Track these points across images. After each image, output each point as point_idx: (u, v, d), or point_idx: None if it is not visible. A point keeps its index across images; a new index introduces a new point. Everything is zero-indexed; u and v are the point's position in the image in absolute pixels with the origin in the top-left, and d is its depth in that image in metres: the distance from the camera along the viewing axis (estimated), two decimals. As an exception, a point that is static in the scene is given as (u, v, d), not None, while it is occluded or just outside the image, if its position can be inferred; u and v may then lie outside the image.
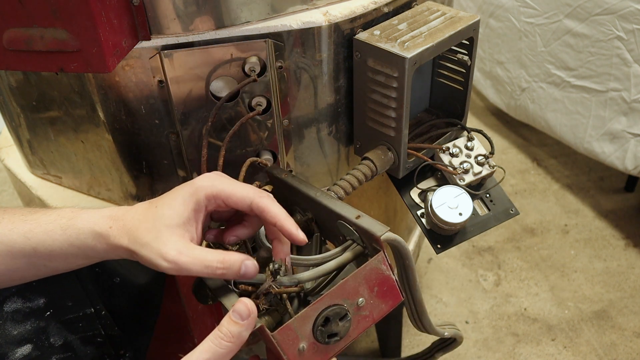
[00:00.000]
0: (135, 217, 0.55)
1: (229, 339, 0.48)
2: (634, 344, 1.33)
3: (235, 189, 0.56)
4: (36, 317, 0.61)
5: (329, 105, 0.75)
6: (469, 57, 0.78)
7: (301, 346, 0.52)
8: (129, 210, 0.56)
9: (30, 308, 0.61)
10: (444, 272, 1.53)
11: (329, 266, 0.58)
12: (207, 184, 0.55)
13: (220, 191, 0.55)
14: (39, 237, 0.55)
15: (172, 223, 0.53)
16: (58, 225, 0.56)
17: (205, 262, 0.52)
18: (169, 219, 0.53)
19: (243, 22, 0.66)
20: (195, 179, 0.57)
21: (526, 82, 1.70)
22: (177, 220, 0.53)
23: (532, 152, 1.93)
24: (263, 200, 0.55)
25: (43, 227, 0.56)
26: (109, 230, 0.54)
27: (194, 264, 0.52)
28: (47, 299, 0.62)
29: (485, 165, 0.81)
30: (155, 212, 0.54)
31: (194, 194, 0.55)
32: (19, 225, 0.56)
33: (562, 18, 1.48)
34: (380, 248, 0.56)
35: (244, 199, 0.55)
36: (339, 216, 0.61)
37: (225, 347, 0.48)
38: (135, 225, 0.54)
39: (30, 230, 0.56)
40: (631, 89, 1.38)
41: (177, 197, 0.55)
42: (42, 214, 0.57)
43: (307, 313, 0.52)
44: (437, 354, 0.84)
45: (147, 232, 0.53)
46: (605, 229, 1.63)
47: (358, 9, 0.70)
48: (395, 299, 0.58)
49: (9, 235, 0.56)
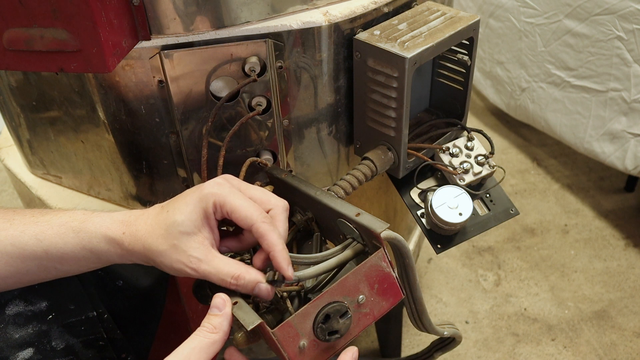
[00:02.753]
0: (147, 222, 0.55)
1: (212, 330, 0.52)
2: (634, 344, 1.33)
3: (241, 205, 0.54)
4: (38, 321, 0.61)
5: (329, 105, 0.75)
6: (469, 57, 0.78)
7: (302, 343, 0.52)
8: (141, 216, 0.56)
9: (32, 311, 0.61)
10: (444, 272, 1.53)
11: (329, 264, 0.58)
12: (216, 192, 0.55)
13: (226, 203, 0.55)
14: (51, 239, 0.55)
15: (188, 230, 0.53)
16: (70, 227, 0.55)
17: (221, 275, 0.53)
18: (182, 226, 0.53)
19: (243, 22, 0.66)
20: (206, 183, 0.56)
21: (526, 82, 1.70)
22: (191, 227, 0.54)
23: (532, 152, 1.93)
24: (264, 226, 0.54)
25: (55, 230, 0.55)
26: (122, 236, 0.54)
27: (211, 274, 0.53)
28: (50, 302, 0.62)
29: (485, 165, 0.81)
30: (167, 218, 0.54)
31: (203, 200, 0.54)
32: (31, 227, 0.56)
33: (562, 18, 1.48)
34: (380, 245, 0.56)
35: (246, 219, 0.54)
36: (339, 214, 0.61)
37: (209, 337, 0.51)
38: (149, 231, 0.54)
39: (42, 232, 0.55)
40: (631, 89, 1.38)
41: (189, 203, 0.54)
42: (54, 216, 0.57)
43: (307, 310, 0.52)
44: (436, 354, 0.83)
45: (162, 238, 0.53)
46: (605, 229, 1.63)
47: (358, 9, 0.70)
48: (395, 296, 0.58)
49: (20, 237, 0.55)
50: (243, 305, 0.56)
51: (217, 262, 0.54)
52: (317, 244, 0.69)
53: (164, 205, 0.56)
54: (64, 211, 0.58)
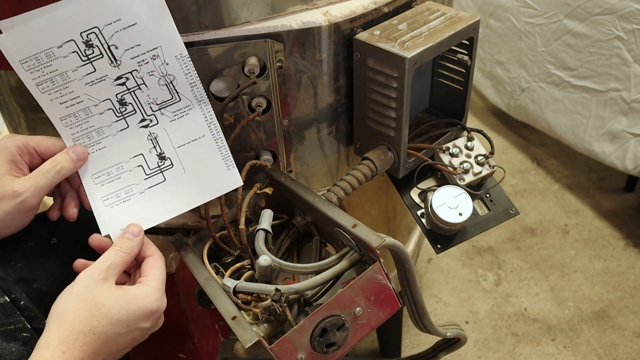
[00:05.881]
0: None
1: (125, 250, 0.60)
2: (634, 344, 1.33)
3: (44, 137, 0.63)
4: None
5: (329, 105, 0.75)
6: (469, 57, 0.78)
7: (299, 357, 0.53)
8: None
9: None
10: (444, 272, 1.53)
11: (326, 275, 0.58)
12: (11, 138, 0.61)
13: (29, 140, 0.62)
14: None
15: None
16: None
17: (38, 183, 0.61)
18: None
19: (243, 22, 0.66)
20: None
21: (526, 82, 1.70)
22: None
23: (532, 152, 1.93)
24: None
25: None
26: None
27: (32, 184, 0.60)
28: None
29: (485, 165, 0.81)
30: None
31: (3, 150, 0.60)
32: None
33: (562, 18, 1.48)
34: (376, 258, 0.56)
35: (54, 144, 0.63)
36: (336, 224, 0.61)
37: (121, 257, 0.59)
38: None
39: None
40: (631, 89, 1.38)
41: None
42: None
43: (304, 325, 0.53)
44: (441, 354, 0.84)
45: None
46: (605, 229, 1.63)
47: (358, 9, 0.70)
48: (392, 306, 0.58)
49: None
50: (241, 320, 0.56)
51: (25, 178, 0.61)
52: (317, 248, 0.69)
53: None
54: None
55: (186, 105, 0.64)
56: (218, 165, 0.66)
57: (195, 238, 0.71)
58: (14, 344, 0.58)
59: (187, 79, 0.63)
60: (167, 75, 0.62)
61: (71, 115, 0.63)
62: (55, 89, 0.61)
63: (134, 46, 0.60)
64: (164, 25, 0.60)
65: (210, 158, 0.66)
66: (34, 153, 0.63)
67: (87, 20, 0.58)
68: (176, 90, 0.63)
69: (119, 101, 0.63)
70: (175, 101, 0.64)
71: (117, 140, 0.64)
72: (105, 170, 0.65)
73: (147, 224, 0.66)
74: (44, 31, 0.58)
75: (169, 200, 0.66)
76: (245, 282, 0.60)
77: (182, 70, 0.62)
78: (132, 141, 0.65)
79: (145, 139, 0.65)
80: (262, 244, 0.62)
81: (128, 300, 0.56)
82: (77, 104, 0.62)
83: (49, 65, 0.60)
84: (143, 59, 0.61)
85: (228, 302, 0.59)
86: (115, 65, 0.61)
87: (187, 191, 0.67)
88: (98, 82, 0.61)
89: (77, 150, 0.63)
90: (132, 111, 0.64)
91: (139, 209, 0.66)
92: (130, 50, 0.60)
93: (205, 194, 0.67)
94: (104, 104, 0.63)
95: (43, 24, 0.58)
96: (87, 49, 0.59)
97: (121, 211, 0.65)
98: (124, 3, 0.58)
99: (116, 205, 0.65)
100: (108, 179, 0.65)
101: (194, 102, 0.64)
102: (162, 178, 0.66)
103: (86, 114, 0.63)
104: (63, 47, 0.59)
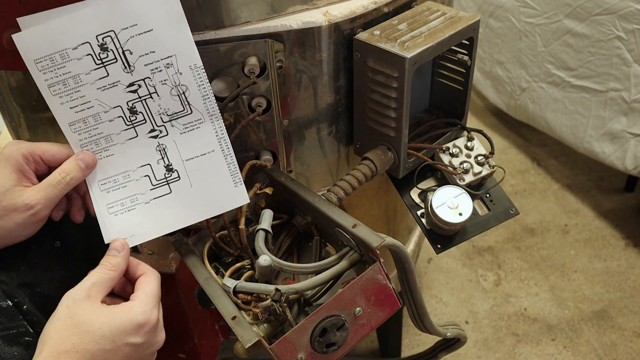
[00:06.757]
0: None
1: (111, 268, 0.59)
2: (634, 344, 1.33)
3: (48, 145, 0.62)
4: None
5: (329, 105, 0.75)
6: (469, 57, 0.78)
7: (299, 357, 0.53)
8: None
9: None
10: (444, 272, 1.53)
11: (326, 275, 0.58)
12: (16, 146, 0.60)
13: (35, 147, 0.61)
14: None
15: (5, 188, 0.58)
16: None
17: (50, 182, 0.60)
18: None
19: (243, 22, 0.66)
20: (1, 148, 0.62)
21: (526, 82, 1.70)
22: (7, 185, 0.58)
23: (532, 152, 1.93)
24: None
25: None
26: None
27: (42, 194, 0.60)
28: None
29: (485, 165, 0.81)
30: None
31: (9, 159, 0.59)
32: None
33: (562, 18, 1.48)
34: (376, 258, 0.56)
35: (60, 151, 0.62)
36: (336, 224, 0.61)
37: (108, 274, 0.58)
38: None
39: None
40: (631, 89, 1.38)
41: None
42: None
43: (304, 325, 0.53)
44: (441, 354, 0.84)
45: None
46: (605, 229, 1.63)
47: (358, 9, 0.70)
48: (392, 306, 0.58)
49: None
50: (241, 320, 0.56)
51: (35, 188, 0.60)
52: (317, 248, 0.69)
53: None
54: None
55: (197, 119, 0.63)
56: (225, 181, 0.65)
57: (195, 238, 0.71)
58: (16, 348, 0.58)
59: (199, 90, 0.62)
60: (179, 85, 0.61)
61: (80, 120, 0.62)
62: (66, 92, 0.60)
63: (149, 52, 0.60)
64: (180, 34, 0.59)
65: (218, 174, 0.65)
66: (39, 161, 0.61)
67: (104, 23, 0.58)
68: (188, 101, 0.62)
69: (130, 109, 0.62)
70: (186, 113, 0.63)
71: (125, 149, 0.64)
72: (112, 177, 0.64)
73: (150, 235, 0.65)
74: (61, 31, 0.57)
75: (173, 213, 0.65)
76: (245, 282, 0.60)
77: (196, 81, 0.61)
78: (140, 150, 0.64)
79: (154, 149, 0.64)
80: (262, 244, 0.62)
81: (111, 316, 0.55)
82: (88, 109, 0.61)
83: (63, 67, 0.59)
84: (157, 66, 0.60)
85: (228, 302, 0.59)
86: (129, 71, 0.60)
87: (192, 205, 0.66)
88: (110, 87, 0.61)
89: (86, 158, 0.62)
90: (142, 121, 0.63)
91: (143, 219, 0.65)
92: (144, 57, 0.60)
93: (210, 210, 0.66)
94: (114, 110, 0.62)
95: (62, 24, 0.57)
96: (102, 52, 0.59)
97: (125, 220, 0.65)
98: (143, 8, 0.58)
99: (120, 214, 0.65)
100: (114, 187, 0.65)
101: (205, 116, 0.63)
102: (168, 190, 0.65)
103: (95, 120, 0.62)
104: (78, 49, 0.58)
